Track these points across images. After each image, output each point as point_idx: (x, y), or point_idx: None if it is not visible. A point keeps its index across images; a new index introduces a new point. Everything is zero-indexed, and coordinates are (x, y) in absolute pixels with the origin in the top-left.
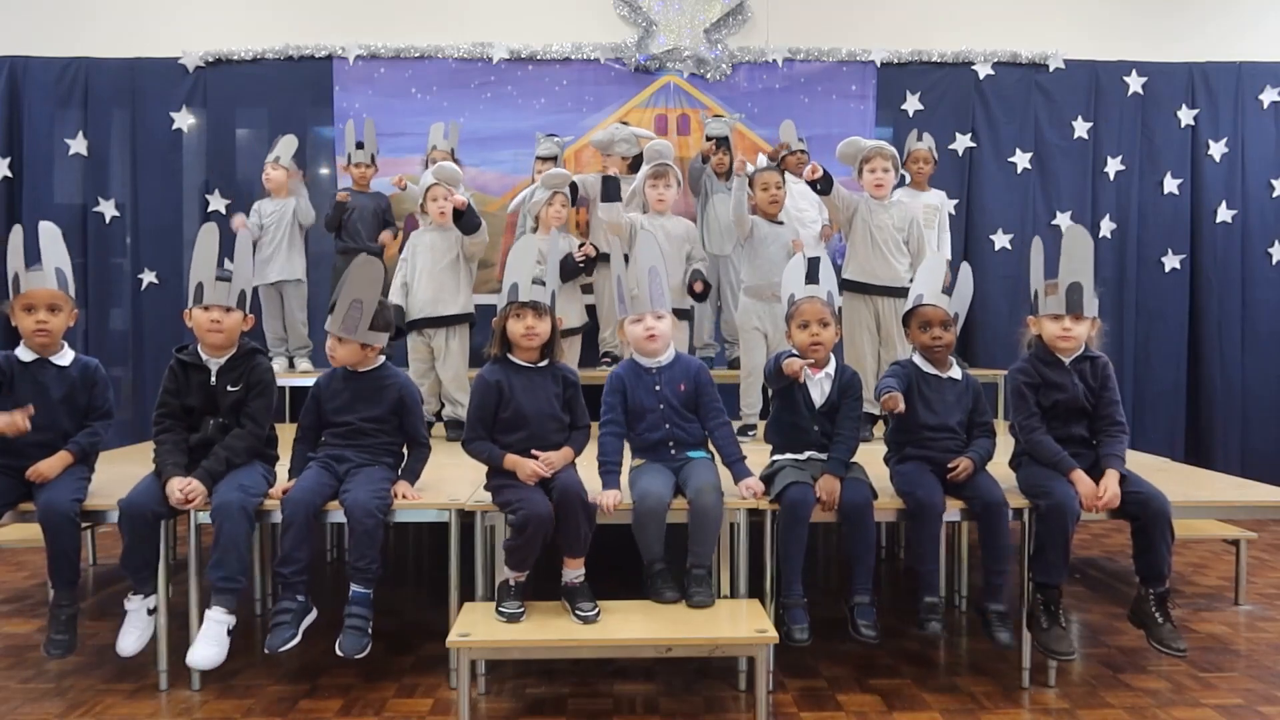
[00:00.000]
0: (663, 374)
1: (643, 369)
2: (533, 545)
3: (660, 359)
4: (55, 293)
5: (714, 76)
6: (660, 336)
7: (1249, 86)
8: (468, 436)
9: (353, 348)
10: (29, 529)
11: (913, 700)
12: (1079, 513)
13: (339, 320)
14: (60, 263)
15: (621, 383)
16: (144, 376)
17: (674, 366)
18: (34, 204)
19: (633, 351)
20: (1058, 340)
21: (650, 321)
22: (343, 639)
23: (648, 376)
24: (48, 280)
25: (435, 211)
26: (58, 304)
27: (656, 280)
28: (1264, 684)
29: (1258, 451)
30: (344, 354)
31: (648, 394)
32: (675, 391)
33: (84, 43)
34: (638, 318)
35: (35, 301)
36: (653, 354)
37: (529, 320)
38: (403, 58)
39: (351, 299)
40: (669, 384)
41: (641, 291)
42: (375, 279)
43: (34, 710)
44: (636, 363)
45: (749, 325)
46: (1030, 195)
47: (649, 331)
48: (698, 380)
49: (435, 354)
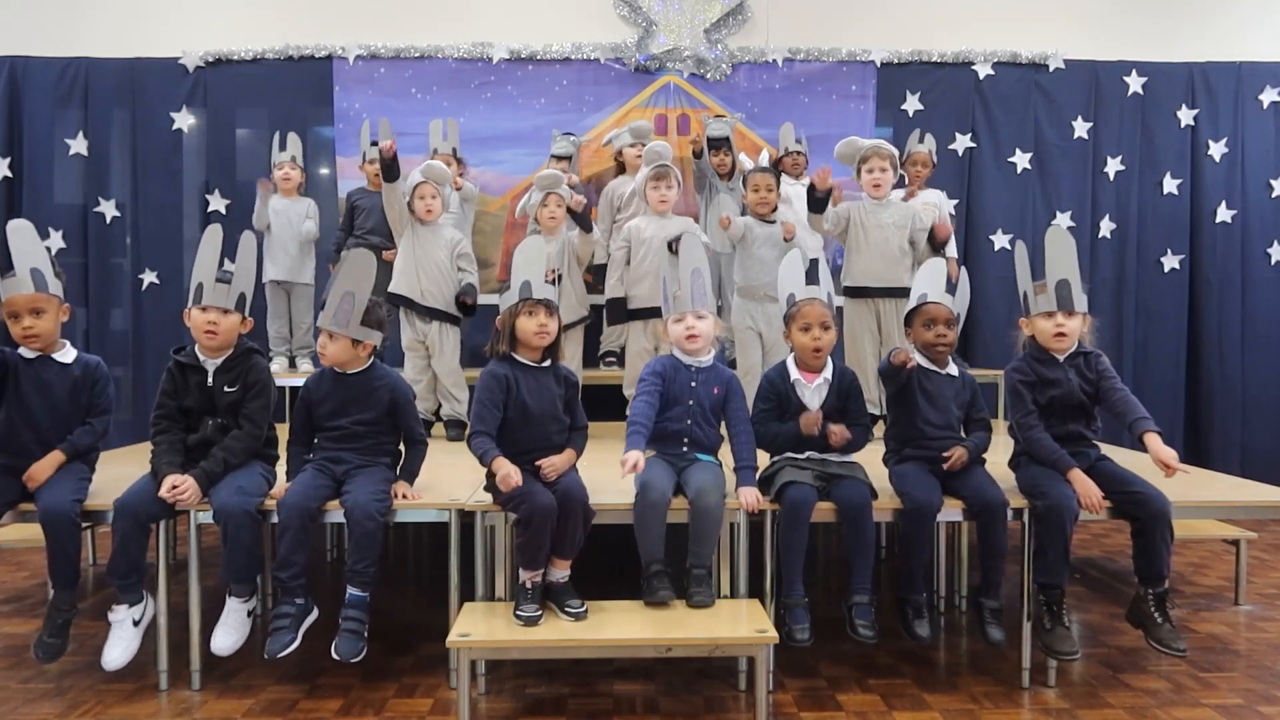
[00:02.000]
0: (700, 374)
1: (683, 365)
2: (541, 539)
3: (701, 360)
4: (34, 296)
5: (714, 76)
6: (701, 336)
7: (1249, 86)
8: (474, 429)
9: (344, 344)
10: (29, 529)
11: (913, 700)
12: (1077, 513)
13: (330, 314)
14: (36, 262)
15: (664, 368)
16: (144, 377)
17: (711, 370)
18: (34, 204)
19: (674, 349)
20: (1052, 339)
21: (691, 321)
22: (339, 642)
23: (686, 373)
24: (23, 285)
25: (423, 210)
26: (40, 306)
27: (699, 281)
28: (1264, 684)
29: (1257, 451)
30: (334, 351)
31: (683, 389)
32: (709, 393)
33: (84, 43)
34: (679, 317)
35: (17, 308)
36: (694, 353)
37: (541, 317)
38: (403, 58)
39: (344, 291)
40: (704, 385)
41: (684, 291)
42: (368, 273)
43: (34, 710)
44: (677, 358)
45: (743, 325)
46: (1030, 195)
47: (689, 331)
48: (730, 388)
49: (430, 350)
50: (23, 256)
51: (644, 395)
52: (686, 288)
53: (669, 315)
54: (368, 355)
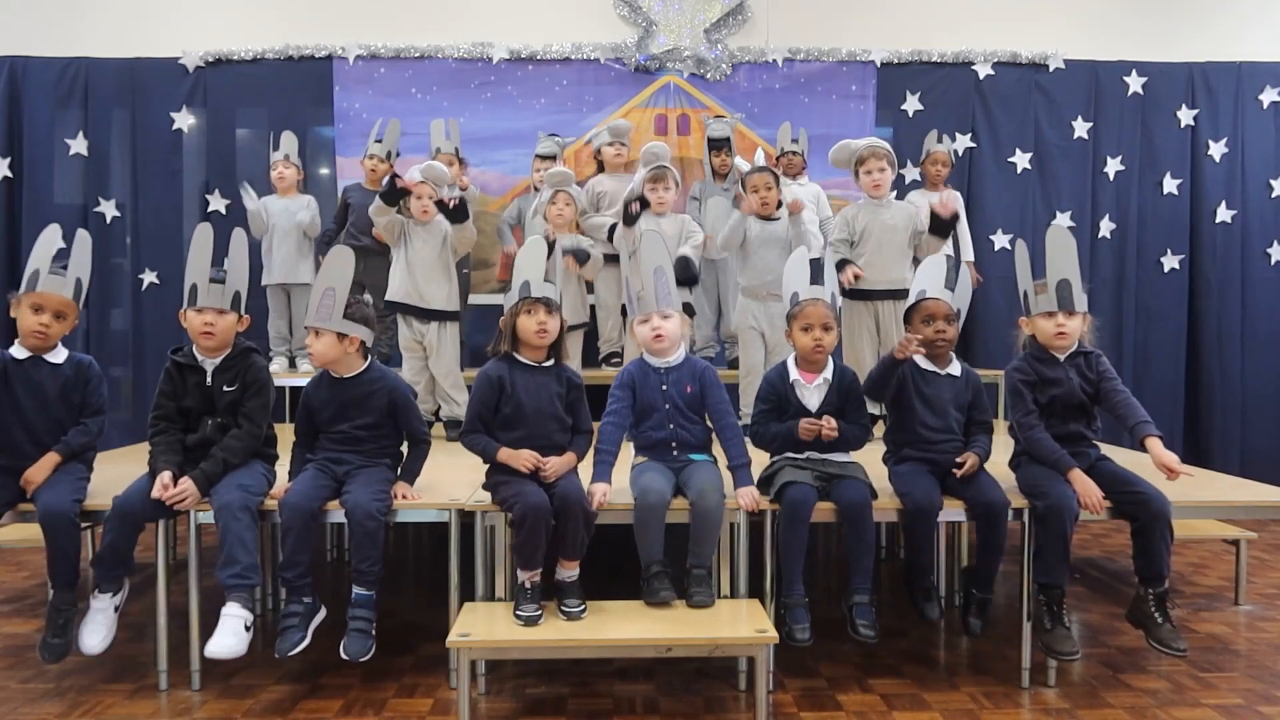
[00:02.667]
0: (670, 374)
1: (651, 368)
2: (536, 538)
3: (669, 359)
4: (68, 301)
5: (714, 76)
6: (667, 336)
7: (1249, 86)
8: (466, 429)
9: (329, 340)
10: (29, 529)
11: (913, 700)
12: (1077, 513)
13: (313, 310)
14: (82, 273)
15: (631, 379)
16: (144, 376)
17: (682, 368)
18: (34, 204)
19: (643, 351)
20: (1053, 338)
21: (656, 321)
22: (347, 641)
23: (655, 376)
24: (67, 287)
25: (418, 210)
26: (65, 312)
27: (662, 280)
28: (1264, 684)
29: (1257, 451)
30: (321, 348)
31: (654, 393)
32: (682, 392)
33: (84, 43)
34: (644, 318)
35: (46, 304)
36: (661, 354)
37: (541, 316)
38: (403, 58)
39: (325, 287)
40: (676, 385)
41: (647, 292)
42: (348, 268)
43: (34, 710)
44: (645, 362)
45: (746, 325)
46: (1030, 195)
47: (655, 331)
48: (703, 381)
49: (428, 350)
50: (76, 264)
51: (610, 417)
52: (650, 287)
53: (634, 317)
54: (359, 354)
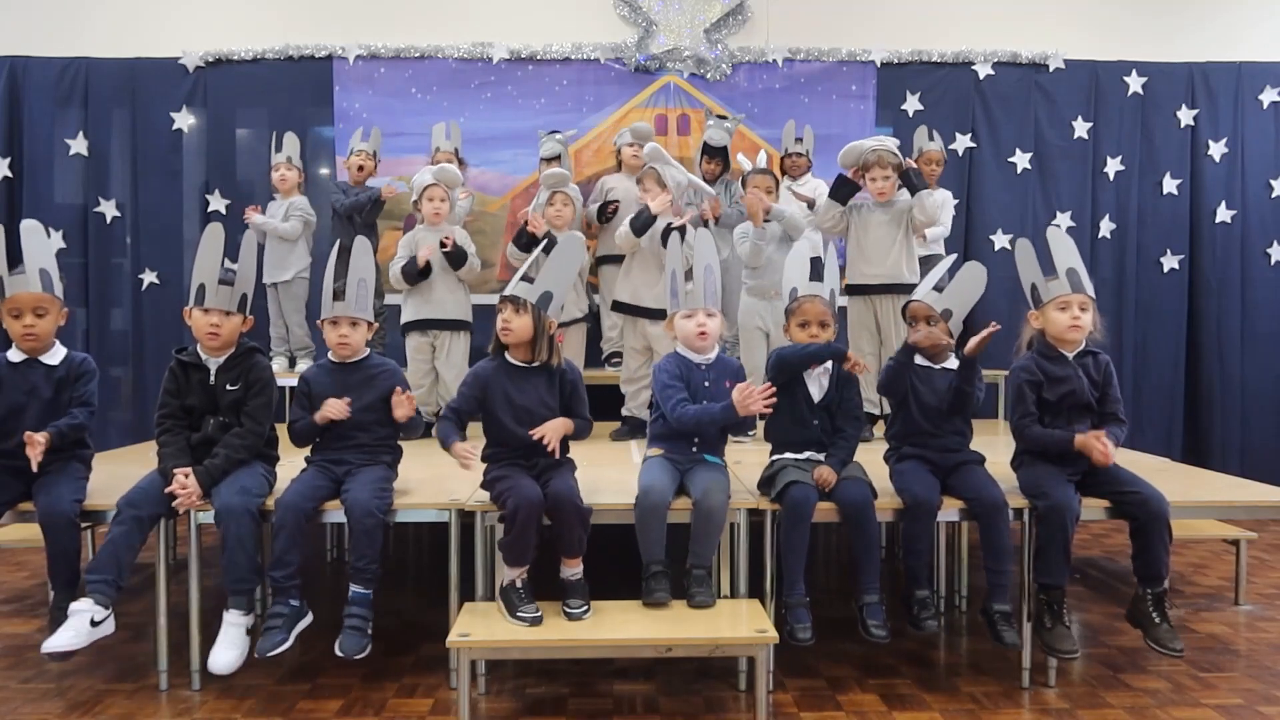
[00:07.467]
0: (710, 371)
1: (692, 364)
2: (526, 535)
3: (708, 355)
4: (40, 295)
5: (714, 76)
6: (710, 334)
7: (1249, 86)
8: (442, 416)
9: (364, 329)
10: (29, 529)
11: (913, 700)
12: (1078, 513)
13: (351, 302)
14: (44, 263)
15: (678, 369)
16: (144, 376)
17: (719, 365)
18: (34, 204)
19: (679, 345)
20: (1067, 330)
21: (702, 318)
22: (342, 639)
23: (698, 372)
24: (31, 283)
25: (430, 212)
26: (43, 307)
27: (711, 278)
28: (1264, 684)
29: (1257, 451)
30: (359, 338)
31: (697, 389)
32: (723, 390)
33: (84, 43)
34: (690, 313)
35: (20, 306)
36: (701, 350)
37: (506, 314)
38: (403, 58)
39: (357, 279)
40: (716, 382)
41: (697, 288)
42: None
43: (34, 710)
44: (684, 357)
45: (751, 325)
46: (1030, 195)
47: (701, 328)
48: (739, 380)
49: (437, 351)
50: (33, 256)
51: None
52: (700, 284)
53: (677, 310)
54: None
